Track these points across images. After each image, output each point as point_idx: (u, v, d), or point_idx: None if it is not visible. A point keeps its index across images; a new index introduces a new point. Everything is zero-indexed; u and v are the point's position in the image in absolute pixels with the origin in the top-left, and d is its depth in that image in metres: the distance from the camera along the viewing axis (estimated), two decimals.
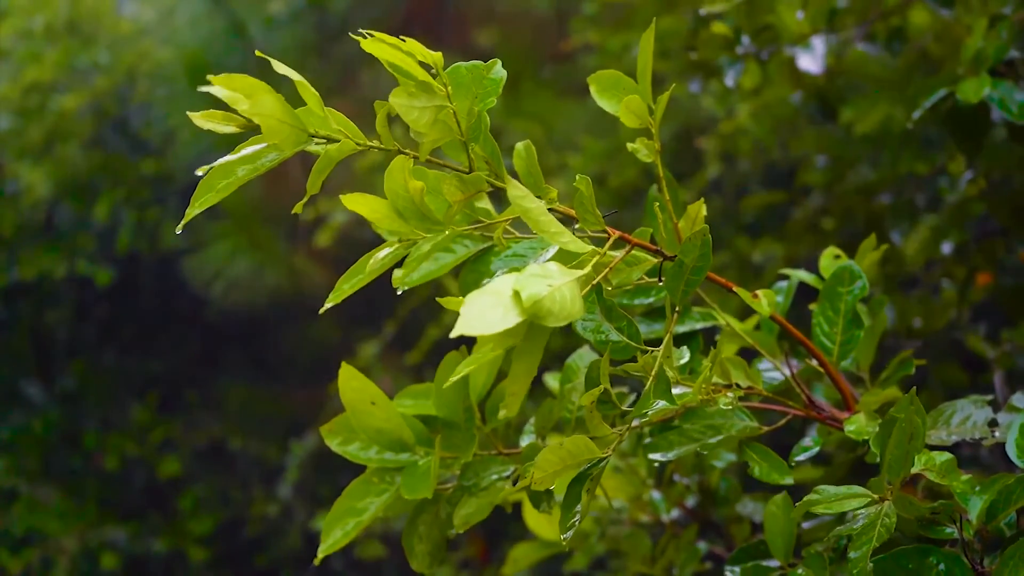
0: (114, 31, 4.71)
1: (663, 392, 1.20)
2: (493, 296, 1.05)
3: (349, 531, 1.36)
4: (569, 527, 1.23)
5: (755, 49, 2.23)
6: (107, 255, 4.67)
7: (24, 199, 4.54)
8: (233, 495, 4.69)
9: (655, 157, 1.27)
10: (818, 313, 1.48)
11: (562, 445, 1.21)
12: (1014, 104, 1.77)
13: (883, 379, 1.52)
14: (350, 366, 1.37)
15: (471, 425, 1.40)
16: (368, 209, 1.23)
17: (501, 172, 1.22)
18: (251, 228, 4.35)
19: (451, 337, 1.03)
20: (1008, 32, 1.82)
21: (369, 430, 1.38)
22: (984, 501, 1.24)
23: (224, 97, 1.15)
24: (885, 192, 2.70)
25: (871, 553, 1.20)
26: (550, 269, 1.09)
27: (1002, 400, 1.79)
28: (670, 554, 1.77)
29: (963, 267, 2.47)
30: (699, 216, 1.24)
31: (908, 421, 1.20)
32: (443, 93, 1.18)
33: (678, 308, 1.23)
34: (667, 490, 1.84)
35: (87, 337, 4.91)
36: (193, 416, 4.83)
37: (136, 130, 4.73)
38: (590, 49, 3.46)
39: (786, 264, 2.65)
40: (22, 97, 4.55)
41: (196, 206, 1.19)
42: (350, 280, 1.25)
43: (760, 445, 1.40)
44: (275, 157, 1.19)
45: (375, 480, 1.39)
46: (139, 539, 4.56)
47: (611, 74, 1.29)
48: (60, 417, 4.77)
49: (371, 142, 1.21)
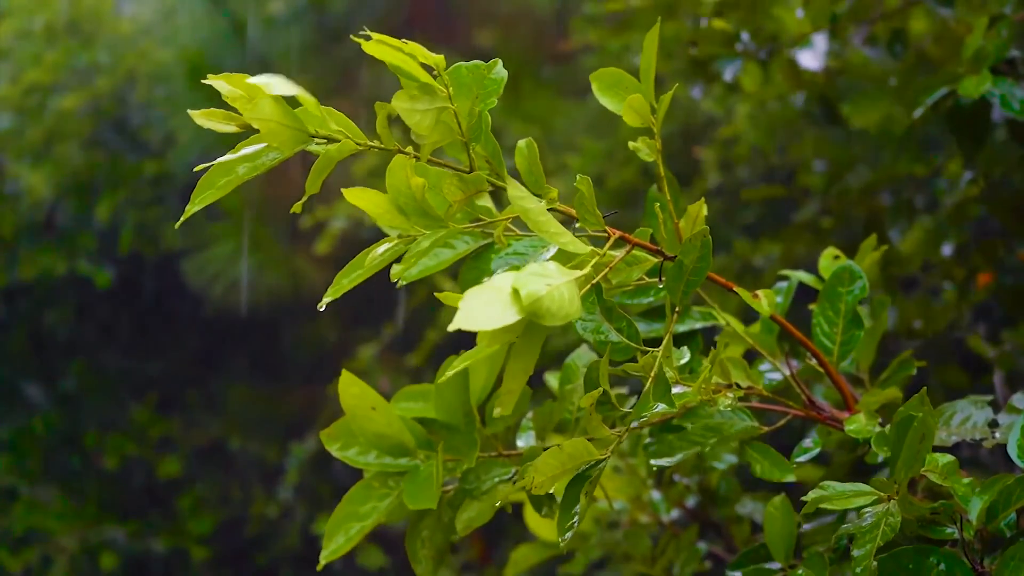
0: (114, 31, 4.71)
1: (663, 395, 1.20)
2: (492, 292, 1.04)
3: (352, 536, 1.36)
4: (567, 529, 1.22)
5: (755, 47, 2.23)
6: (108, 255, 4.66)
7: (24, 199, 4.53)
8: (233, 495, 4.69)
9: (656, 156, 1.27)
10: (818, 313, 1.48)
11: (561, 448, 1.21)
12: (1015, 101, 1.77)
13: (883, 380, 1.52)
14: (349, 372, 1.37)
15: (472, 428, 1.39)
16: (370, 204, 1.23)
17: (502, 171, 1.22)
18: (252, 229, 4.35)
19: (449, 331, 1.03)
20: (1008, 31, 1.82)
21: (369, 435, 1.37)
22: (984, 501, 1.24)
23: (225, 96, 1.15)
24: (884, 192, 2.71)
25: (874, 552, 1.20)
26: (549, 268, 1.09)
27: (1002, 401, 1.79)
28: (670, 554, 1.77)
29: (963, 267, 2.47)
30: (699, 216, 1.24)
31: (923, 422, 1.20)
32: (444, 95, 1.18)
33: (678, 308, 1.23)
34: (667, 490, 1.85)
35: (87, 337, 4.91)
36: (193, 416, 4.83)
37: (136, 130, 4.73)
38: (590, 49, 3.46)
39: (785, 265, 2.65)
40: (22, 97, 4.55)
41: (196, 203, 1.19)
42: (349, 275, 1.24)
43: (761, 443, 1.40)
44: (276, 156, 1.19)
45: (376, 485, 1.39)
46: (139, 539, 4.56)
47: (613, 72, 1.29)
48: (60, 417, 4.77)
49: (372, 142, 1.21)
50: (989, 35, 1.82)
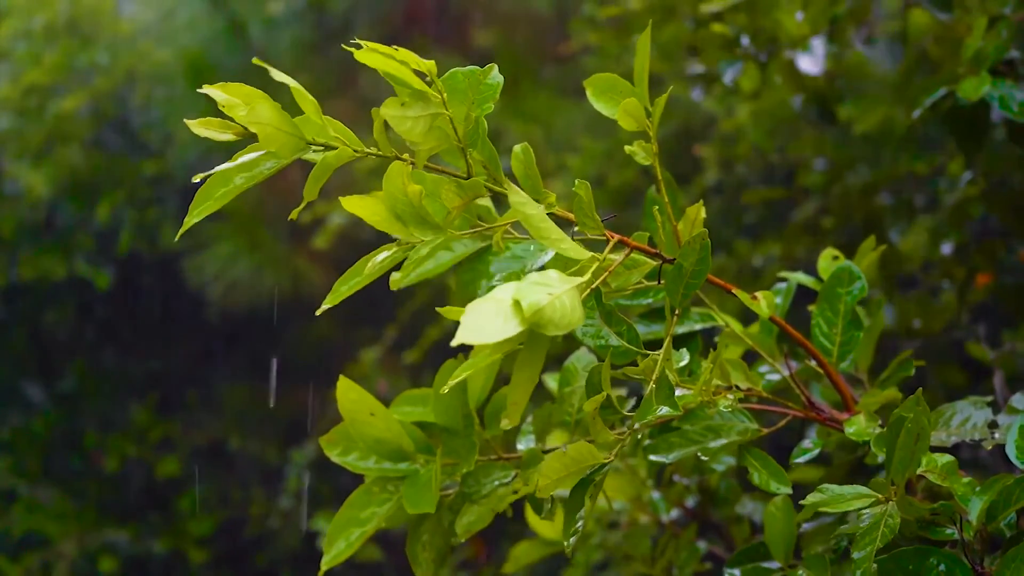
0: (114, 32, 4.71)
1: (666, 398, 1.20)
2: (494, 305, 1.04)
3: (353, 542, 1.36)
4: (573, 532, 1.23)
5: (755, 51, 2.23)
6: (107, 256, 4.66)
7: (24, 200, 4.53)
8: (233, 495, 4.69)
9: (653, 160, 1.27)
10: (817, 314, 1.48)
11: (565, 452, 1.21)
12: (1014, 103, 1.77)
13: (882, 380, 1.52)
14: (347, 378, 1.37)
15: (471, 432, 1.39)
16: (367, 212, 1.23)
17: (499, 176, 1.22)
18: (251, 229, 4.35)
19: (452, 346, 1.03)
20: (1008, 31, 1.82)
21: (368, 440, 1.37)
22: (984, 502, 1.24)
23: (222, 104, 1.15)
24: (884, 192, 2.70)
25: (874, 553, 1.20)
26: (550, 277, 1.09)
27: (1002, 401, 1.79)
28: (670, 554, 1.77)
29: (963, 267, 2.47)
30: (698, 219, 1.24)
31: (915, 422, 1.20)
32: (438, 100, 1.18)
33: (677, 311, 1.23)
34: (667, 490, 1.85)
35: (87, 337, 4.91)
36: (193, 416, 4.83)
37: (136, 131, 4.73)
38: (590, 50, 3.46)
39: (784, 265, 2.65)
40: (22, 98, 4.54)
41: (194, 215, 1.19)
42: (348, 282, 1.24)
43: (760, 451, 1.40)
44: (273, 165, 1.18)
45: (376, 490, 1.39)
46: (139, 540, 4.56)
47: (607, 77, 1.28)
48: (60, 417, 4.77)
49: (369, 148, 1.21)
50: (989, 36, 1.82)
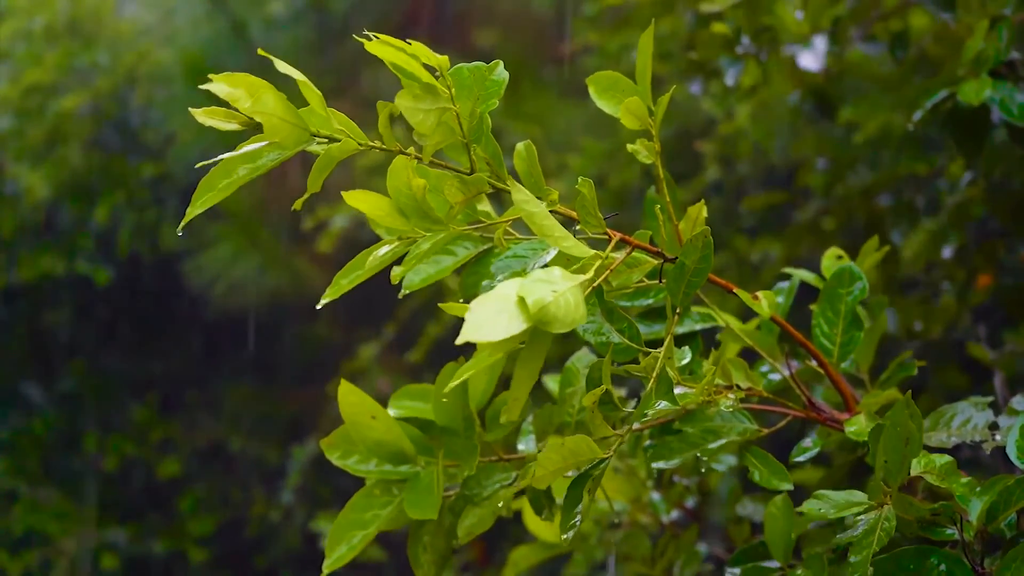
0: (114, 32, 4.71)
1: (665, 393, 1.20)
2: (498, 302, 1.04)
3: (355, 545, 1.35)
4: (570, 527, 1.23)
5: (755, 49, 2.23)
6: (107, 256, 4.66)
7: (24, 200, 4.53)
8: (233, 496, 4.69)
9: (655, 159, 1.27)
10: (818, 314, 1.48)
11: (564, 444, 1.21)
12: (1015, 105, 1.77)
13: (883, 380, 1.52)
14: (347, 380, 1.37)
15: (472, 433, 1.39)
16: (370, 206, 1.23)
17: (502, 173, 1.22)
18: (252, 230, 4.35)
19: (457, 344, 1.02)
20: (1008, 33, 1.82)
21: (369, 443, 1.37)
22: (984, 502, 1.24)
23: (226, 96, 1.15)
24: (885, 193, 2.70)
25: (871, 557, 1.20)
26: (554, 274, 1.09)
27: (1002, 402, 1.79)
28: (670, 555, 1.77)
29: (963, 269, 2.47)
30: (699, 218, 1.24)
31: (902, 426, 1.20)
32: (447, 95, 1.18)
33: (679, 310, 1.23)
34: (667, 491, 1.84)
35: (87, 337, 4.91)
36: (193, 416, 4.83)
37: (136, 131, 4.73)
38: (591, 50, 3.46)
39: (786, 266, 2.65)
40: (22, 98, 4.54)
41: (197, 206, 1.18)
42: (348, 276, 1.24)
43: (760, 450, 1.40)
44: (276, 156, 1.18)
45: (377, 492, 1.38)
46: (139, 540, 4.56)
47: (609, 75, 1.29)
48: (60, 418, 4.77)
49: (373, 142, 1.21)
50: (989, 37, 1.82)
